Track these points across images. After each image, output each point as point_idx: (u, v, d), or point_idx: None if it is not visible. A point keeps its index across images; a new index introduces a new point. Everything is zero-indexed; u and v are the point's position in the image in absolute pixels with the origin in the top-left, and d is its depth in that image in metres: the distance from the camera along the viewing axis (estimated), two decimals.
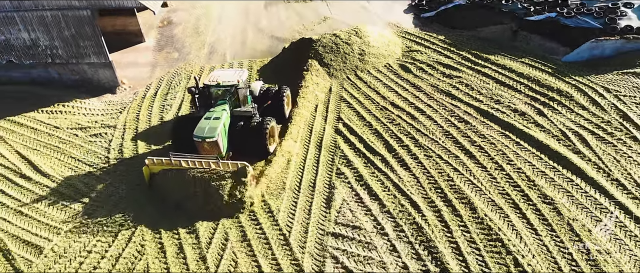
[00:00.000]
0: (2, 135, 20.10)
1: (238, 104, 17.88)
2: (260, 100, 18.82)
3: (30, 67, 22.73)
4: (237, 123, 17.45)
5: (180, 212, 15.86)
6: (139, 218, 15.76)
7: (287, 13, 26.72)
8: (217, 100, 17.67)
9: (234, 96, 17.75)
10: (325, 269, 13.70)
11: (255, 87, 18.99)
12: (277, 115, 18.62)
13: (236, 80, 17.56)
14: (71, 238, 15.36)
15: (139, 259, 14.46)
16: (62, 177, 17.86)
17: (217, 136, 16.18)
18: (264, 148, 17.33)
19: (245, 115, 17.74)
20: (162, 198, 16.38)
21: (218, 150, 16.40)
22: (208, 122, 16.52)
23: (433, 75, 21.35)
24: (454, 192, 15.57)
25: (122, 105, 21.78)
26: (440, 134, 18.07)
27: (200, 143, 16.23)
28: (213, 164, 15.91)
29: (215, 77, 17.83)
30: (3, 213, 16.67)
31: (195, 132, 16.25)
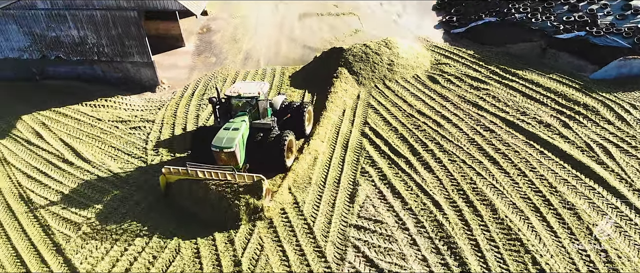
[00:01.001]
0: (48, 124, 21.43)
1: (258, 116, 17.87)
2: (281, 114, 18.76)
3: (77, 63, 24.21)
4: (256, 135, 17.33)
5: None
6: (170, 203, 16.61)
7: (319, 25, 27.73)
8: (237, 112, 17.75)
9: (254, 108, 17.76)
10: (346, 257, 14.19)
11: (276, 100, 19.02)
12: (296, 130, 18.49)
13: (257, 92, 17.66)
14: (108, 218, 16.28)
15: (170, 238, 15.25)
16: (102, 164, 18.95)
17: (235, 147, 16.13)
18: (282, 161, 17.18)
19: (264, 127, 17.59)
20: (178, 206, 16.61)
21: (235, 162, 16.33)
22: (227, 132, 16.52)
23: (461, 86, 21.82)
24: (476, 194, 15.93)
25: (160, 102, 22.93)
26: (465, 140, 18.48)
27: (218, 154, 16.19)
28: (229, 176, 15.85)
29: (237, 89, 17.94)
30: (45, 193, 17.79)
31: (213, 141, 16.23)
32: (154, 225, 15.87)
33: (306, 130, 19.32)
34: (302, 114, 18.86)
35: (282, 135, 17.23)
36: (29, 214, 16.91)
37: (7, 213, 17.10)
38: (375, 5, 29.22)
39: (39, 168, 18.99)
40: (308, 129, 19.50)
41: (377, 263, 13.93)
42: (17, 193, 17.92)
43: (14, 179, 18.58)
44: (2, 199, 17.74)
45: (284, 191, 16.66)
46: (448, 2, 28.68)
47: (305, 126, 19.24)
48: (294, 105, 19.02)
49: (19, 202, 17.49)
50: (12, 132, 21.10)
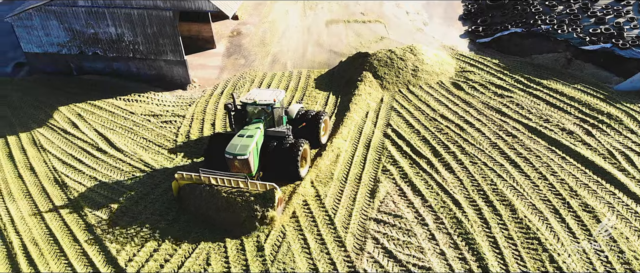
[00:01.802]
0: (83, 116, 22.44)
1: (273, 124, 17.72)
2: (297, 122, 18.65)
3: (113, 59, 25.30)
4: (270, 143, 17.09)
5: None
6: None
7: (346, 31, 28.36)
8: (253, 119, 17.59)
9: (270, 116, 17.56)
10: (366, 248, 14.56)
11: (292, 109, 18.81)
12: (312, 140, 18.39)
13: (272, 99, 17.33)
14: (138, 203, 17.02)
15: (195, 222, 15.86)
16: (134, 153, 19.78)
17: (249, 154, 15.86)
18: (295, 171, 16.88)
19: (278, 135, 17.39)
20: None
21: (248, 169, 16.08)
22: (241, 139, 16.28)
23: (484, 93, 22.08)
24: (495, 195, 16.15)
25: (191, 99, 23.78)
26: (487, 144, 18.72)
27: (231, 160, 15.95)
28: (242, 184, 15.71)
29: (252, 96, 17.69)
30: (79, 178, 18.66)
31: (227, 148, 16.03)
32: (180, 210, 16.50)
33: (321, 140, 19.07)
34: (318, 124, 18.62)
35: (297, 143, 16.97)
36: (63, 196, 17.77)
37: (43, 196, 17.99)
38: (401, 13, 29.76)
39: (74, 155, 19.93)
40: (324, 139, 19.28)
41: (395, 255, 14.26)
42: (53, 177, 18.83)
43: (49, 165, 19.53)
44: (38, 182, 18.66)
45: (306, 184, 17.14)
46: (474, 12, 29.03)
47: (321, 136, 19.00)
48: (310, 115, 18.80)
49: (53, 186, 18.38)
50: (50, 122, 22.16)
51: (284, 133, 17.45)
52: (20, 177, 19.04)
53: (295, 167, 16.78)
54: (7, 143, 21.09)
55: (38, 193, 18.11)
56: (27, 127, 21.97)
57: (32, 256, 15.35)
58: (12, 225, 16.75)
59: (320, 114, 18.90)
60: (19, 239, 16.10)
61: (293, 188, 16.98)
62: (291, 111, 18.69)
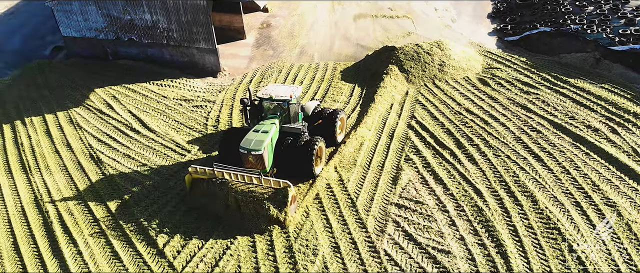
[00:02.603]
0: (118, 98, 23.37)
1: (288, 120, 17.43)
2: (313, 119, 18.40)
3: (147, 46, 26.21)
4: (285, 139, 16.85)
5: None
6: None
7: (374, 26, 28.72)
8: (268, 114, 17.40)
9: (285, 112, 17.29)
10: (386, 230, 14.94)
11: (309, 105, 18.58)
12: (327, 138, 18.08)
13: (289, 95, 16.97)
14: (169, 180, 17.76)
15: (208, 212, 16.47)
16: (166, 134, 20.56)
17: (263, 150, 15.68)
18: (309, 168, 16.57)
19: (294, 132, 17.20)
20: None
21: (262, 165, 15.89)
22: (256, 134, 16.12)
23: (511, 90, 22.17)
24: (517, 186, 16.33)
25: (221, 86, 24.49)
26: (511, 138, 18.86)
27: (245, 156, 15.80)
28: (255, 180, 15.55)
29: (269, 91, 17.33)
30: (114, 155, 19.51)
31: (241, 143, 15.86)
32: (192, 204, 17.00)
33: (337, 139, 18.75)
34: (335, 121, 18.26)
35: (312, 141, 16.66)
36: (97, 171, 18.64)
37: (78, 170, 18.89)
38: (430, 10, 29.98)
39: (109, 134, 20.82)
40: (340, 137, 18.96)
41: (415, 238, 14.60)
42: (88, 153, 19.74)
43: (85, 142, 20.45)
44: (74, 158, 19.59)
45: (330, 169, 17.58)
46: (504, 11, 29.06)
47: (337, 134, 18.67)
48: (327, 112, 18.53)
49: (89, 161, 19.28)
50: (86, 102, 23.15)
51: (300, 130, 17.24)
52: (57, 152, 20.01)
53: (309, 164, 16.47)
54: (45, 121, 22.14)
55: (74, 167, 19.01)
56: (64, 107, 23.00)
57: (67, 224, 16.19)
58: (49, 196, 17.68)
59: (337, 111, 18.54)
60: (54, 209, 16.98)
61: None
62: (307, 108, 18.45)
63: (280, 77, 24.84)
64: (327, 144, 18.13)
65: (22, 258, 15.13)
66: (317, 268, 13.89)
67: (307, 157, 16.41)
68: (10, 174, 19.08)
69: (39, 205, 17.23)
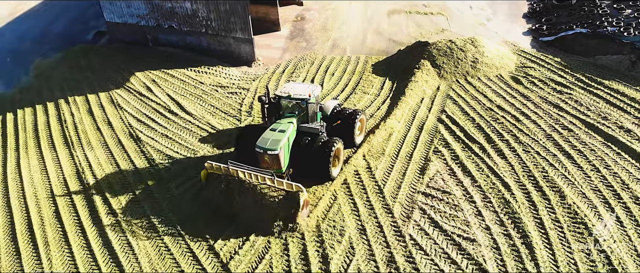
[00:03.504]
0: (157, 82, 24.28)
1: (306, 120, 17.06)
2: (332, 120, 17.97)
3: (186, 33, 27.07)
4: (303, 139, 16.52)
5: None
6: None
7: (407, 22, 28.94)
8: (286, 113, 17.09)
9: (304, 111, 16.93)
10: (412, 216, 15.25)
11: (328, 105, 18.16)
12: (346, 139, 17.67)
13: (307, 94, 16.62)
14: (204, 160, 18.42)
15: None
16: (202, 117, 21.33)
17: (279, 150, 15.36)
18: (326, 170, 16.17)
19: (311, 132, 16.83)
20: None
21: (278, 165, 15.59)
22: (272, 133, 15.80)
23: (543, 89, 22.09)
24: (546, 182, 16.39)
25: (255, 75, 25.16)
26: (541, 136, 18.87)
27: (261, 155, 15.51)
28: (268, 180, 15.10)
29: (288, 89, 17.01)
30: (151, 134, 20.39)
31: (257, 142, 15.58)
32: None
33: (356, 140, 18.33)
34: (354, 122, 17.84)
35: (330, 142, 16.28)
36: (136, 149, 19.52)
37: (118, 147, 19.81)
38: (464, 7, 30.01)
39: (148, 114, 21.73)
40: (358, 139, 18.49)
41: (441, 225, 14.87)
42: (128, 132, 20.66)
43: (125, 121, 21.39)
44: (114, 135, 20.55)
45: (358, 157, 17.96)
46: (540, 11, 28.88)
47: (356, 136, 18.25)
48: (347, 112, 18.11)
49: (128, 139, 20.19)
50: (127, 85, 24.14)
51: (318, 130, 16.87)
52: (99, 129, 21.00)
53: (326, 166, 16.06)
54: (88, 101, 23.21)
55: (114, 144, 19.94)
56: (106, 88, 24.04)
57: (106, 195, 17.08)
58: (90, 169, 18.61)
59: (356, 112, 18.11)
60: (95, 181, 17.88)
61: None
62: (327, 107, 18.04)
63: (312, 68, 25.32)
64: (346, 145, 17.70)
65: (63, 226, 16.02)
66: (344, 247, 14.32)
67: (324, 159, 16.03)
68: (54, 149, 20.12)
69: (80, 177, 18.17)
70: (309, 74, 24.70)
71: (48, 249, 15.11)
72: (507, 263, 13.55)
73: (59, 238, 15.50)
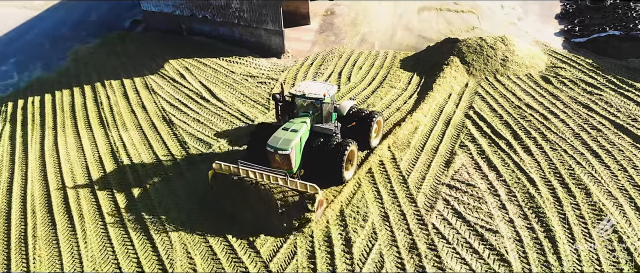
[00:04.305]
0: (190, 69, 24.99)
1: (321, 120, 16.54)
2: (348, 121, 17.50)
3: (219, 24, 27.71)
4: (315, 140, 16.08)
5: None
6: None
7: (437, 19, 28.99)
8: (300, 112, 16.68)
9: (318, 110, 16.42)
10: (436, 206, 15.44)
11: (344, 105, 17.68)
12: (361, 141, 17.14)
13: (322, 94, 16.06)
14: (234, 143, 19.09)
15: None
16: (232, 104, 21.91)
17: (291, 150, 14.94)
18: (338, 173, 15.65)
19: (325, 132, 16.39)
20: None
21: (289, 165, 15.19)
22: (284, 133, 15.39)
23: (573, 89, 21.92)
24: (572, 179, 16.36)
25: (284, 66, 25.62)
26: (569, 134, 18.78)
27: (272, 154, 15.09)
28: (281, 180, 14.74)
29: (303, 88, 16.55)
30: (184, 118, 21.06)
31: (269, 141, 15.18)
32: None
33: (371, 143, 17.75)
34: (370, 124, 17.26)
35: (344, 144, 15.74)
36: (169, 131, 20.21)
37: (152, 129, 20.53)
38: (496, 6, 29.89)
39: (180, 100, 22.43)
40: (374, 141, 17.93)
41: (464, 216, 15.02)
42: (161, 115, 21.38)
43: (159, 105, 22.13)
44: (148, 118, 21.30)
45: (384, 148, 18.20)
46: (572, 12, 28.57)
47: (371, 138, 17.66)
48: (363, 113, 17.58)
49: (161, 122, 20.91)
50: (161, 71, 24.91)
51: (332, 131, 16.43)
52: (133, 112, 21.78)
53: (339, 169, 15.57)
54: (123, 85, 24.04)
55: (147, 126, 20.67)
56: (140, 74, 24.85)
57: (139, 174, 17.77)
58: (124, 149, 19.35)
59: (373, 113, 17.59)
60: (129, 160, 18.59)
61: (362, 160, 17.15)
62: (342, 107, 17.55)
63: (340, 62, 25.63)
64: (361, 148, 17.24)
65: (98, 200, 16.72)
66: (366, 232, 14.61)
67: (336, 161, 15.52)
68: (90, 128, 20.95)
69: (115, 156, 18.92)
70: (337, 67, 25.02)
71: (82, 221, 15.81)
72: (529, 256, 13.62)
73: (93, 212, 16.20)
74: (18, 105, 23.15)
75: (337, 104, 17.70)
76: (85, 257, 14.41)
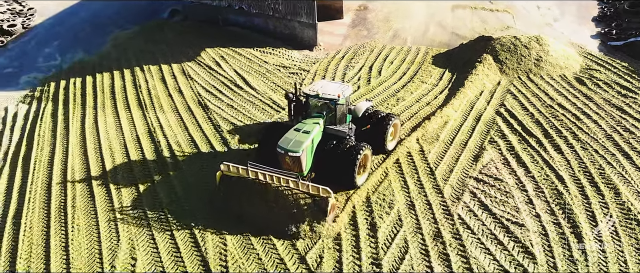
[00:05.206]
0: (225, 58, 25.69)
1: (334, 121, 15.99)
2: (363, 123, 16.98)
3: (254, 15, 28.33)
4: (328, 142, 15.56)
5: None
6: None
7: (471, 17, 28.94)
8: (313, 113, 16.20)
9: (332, 112, 15.87)
10: (462, 198, 15.59)
11: (360, 107, 17.07)
12: (376, 145, 16.56)
13: (337, 94, 15.44)
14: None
15: None
16: (264, 93, 22.47)
17: (301, 152, 14.43)
18: (350, 178, 15.14)
19: (338, 135, 15.83)
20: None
21: (299, 168, 14.65)
22: (296, 134, 14.88)
23: (608, 91, 21.65)
24: (602, 178, 16.26)
25: (315, 59, 26.04)
26: (601, 135, 18.61)
27: (282, 156, 14.58)
28: (292, 183, 14.26)
29: (317, 87, 16.02)
30: (218, 103, 21.73)
31: (279, 142, 14.66)
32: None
33: (388, 146, 17.18)
34: (386, 127, 16.72)
35: (357, 147, 15.19)
36: (204, 115, 20.90)
37: (187, 112, 21.26)
38: (531, 7, 29.65)
39: (215, 86, 23.13)
40: (390, 145, 17.34)
41: (490, 209, 15.13)
42: (197, 100, 22.12)
43: (195, 90, 22.87)
44: (184, 102, 22.04)
45: (412, 140, 18.41)
46: (610, 15, 28.14)
47: (388, 141, 17.10)
48: (380, 116, 17.04)
49: (197, 106, 21.63)
50: (198, 59, 25.69)
51: (345, 133, 15.86)
52: (170, 96, 22.55)
53: (351, 173, 15.04)
54: (161, 70, 24.89)
55: (183, 110, 21.41)
56: (178, 60, 25.67)
57: (175, 153, 18.49)
58: (161, 130, 20.08)
59: (390, 116, 17.04)
60: (165, 141, 19.33)
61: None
62: (358, 109, 16.94)
63: (371, 56, 25.85)
64: (376, 151, 16.65)
65: (134, 176, 17.46)
66: (392, 219, 14.88)
67: (349, 165, 14.98)
68: (129, 110, 21.79)
69: (152, 136, 19.68)
70: (368, 61, 25.29)
71: (120, 194, 16.56)
72: (555, 250, 13.66)
73: (129, 185, 16.94)
74: (60, 86, 24.19)
75: (353, 105, 17.16)
76: (121, 228, 15.10)
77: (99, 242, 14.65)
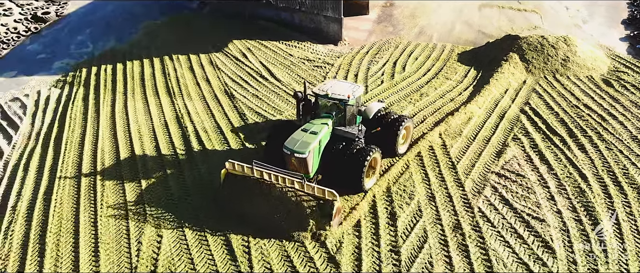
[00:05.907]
0: (252, 50, 26.12)
1: (344, 122, 15.59)
2: (374, 124, 16.54)
3: (281, 9, 28.69)
4: (336, 144, 15.14)
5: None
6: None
7: (498, 16, 28.81)
8: (322, 113, 15.80)
9: (341, 112, 15.50)
10: (483, 192, 15.65)
11: (371, 108, 16.17)
12: (386, 148, 16.07)
13: (347, 95, 14.98)
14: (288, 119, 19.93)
15: None
16: (288, 84, 22.80)
17: (308, 153, 14.04)
18: (358, 181, 14.67)
19: (346, 136, 15.42)
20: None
21: (305, 169, 14.30)
22: (303, 134, 14.49)
23: (635, 94, 21.40)
24: (625, 178, 16.14)
25: (340, 53, 26.28)
26: (627, 136, 18.43)
27: (288, 157, 14.26)
28: (297, 184, 13.96)
29: (327, 87, 15.54)
30: (244, 93, 22.13)
31: (286, 142, 14.31)
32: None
33: (399, 150, 16.64)
34: (398, 130, 16.12)
35: (366, 150, 14.71)
36: (230, 104, 21.36)
37: (214, 100, 21.75)
38: (560, 7, 29.36)
39: (242, 76, 23.57)
40: (402, 148, 16.84)
41: (511, 204, 15.17)
42: (223, 89, 22.58)
43: (221, 80, 23.35)
44: (211, 90, 22.55)
45: (435, 134, 18.51)
46: None
47: (399, 144, 16.54)
48: (391, 117, 16.51)
49: (223, 95, 22.10)
50: (225, 50, 26.18)
51: (354, 135, 15.49)
52: (198, 84, 23.08)
53: (358, 177, 14.57)
54: (189, 59, 25.45)
55: (210, 98, 21.89)
56: (206, 50, 26.20)
57: (201, 139, 18.96)
58: (188, 116, 20.61)
59: (403, 118, 16.49)
60: (192, 126, 19.83)
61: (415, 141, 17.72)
62: (369, 110, 16.11)
63: (396, 52, 25.96)
64: (386, 154, 16.16)
65: (162, 159, 17.97)
66: (412, 209, 15.04)
67: (357, 169, 14.51)
68: (158, 96, 22.37)
69: (180, 122, 20.20)
70: (392, 57, 25.41)
71: (147, 175, 17.09)
72: (575, 246, 13.66)
73: (157, 168, 17.47)
74: (92, 71, 24.93)
75: (363, 106, 16.41)
76: (147, 206, 15.59)
77: (127, 219, 15.16)
